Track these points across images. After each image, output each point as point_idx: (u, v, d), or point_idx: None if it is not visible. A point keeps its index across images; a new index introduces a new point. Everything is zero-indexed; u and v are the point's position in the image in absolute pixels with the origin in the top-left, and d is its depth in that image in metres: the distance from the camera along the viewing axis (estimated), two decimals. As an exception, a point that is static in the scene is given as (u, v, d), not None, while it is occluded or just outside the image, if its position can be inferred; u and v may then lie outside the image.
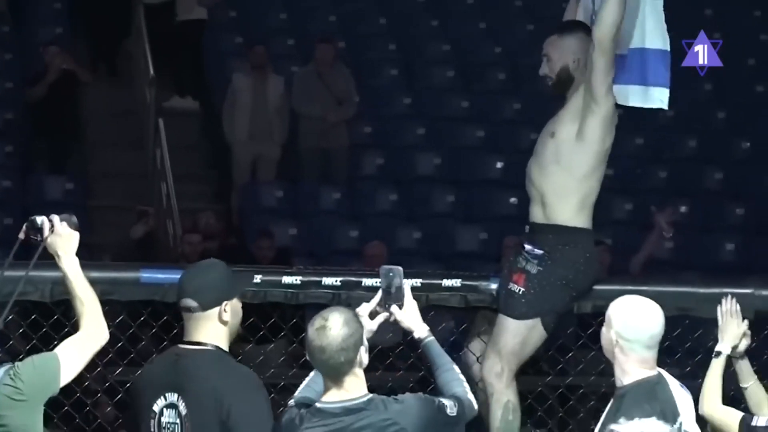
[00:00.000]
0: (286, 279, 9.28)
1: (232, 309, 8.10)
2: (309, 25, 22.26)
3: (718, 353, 8.92)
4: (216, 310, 8.00)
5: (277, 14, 22.67)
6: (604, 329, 8.21)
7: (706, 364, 10.21)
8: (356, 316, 7.99)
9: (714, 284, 10.56)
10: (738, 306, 9.00)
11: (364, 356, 7.75)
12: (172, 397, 8.05)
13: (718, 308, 9.06)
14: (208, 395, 7.81)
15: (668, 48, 9.57)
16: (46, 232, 8.02)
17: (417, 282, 9.79)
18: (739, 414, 8.73)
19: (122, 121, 21.31)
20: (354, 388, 7.77)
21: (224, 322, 8.05)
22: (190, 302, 8.02)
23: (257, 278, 9.30)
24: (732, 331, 8.85)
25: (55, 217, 8.12)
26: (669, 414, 8.05)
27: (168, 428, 8.01)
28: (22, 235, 8.05)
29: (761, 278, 12.57)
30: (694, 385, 11.27)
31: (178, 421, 7.97)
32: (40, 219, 8.11)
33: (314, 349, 7.71)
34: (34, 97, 19.72)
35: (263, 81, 19.83)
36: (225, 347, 8.04)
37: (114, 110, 21.33)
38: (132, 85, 21.82)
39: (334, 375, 7.78)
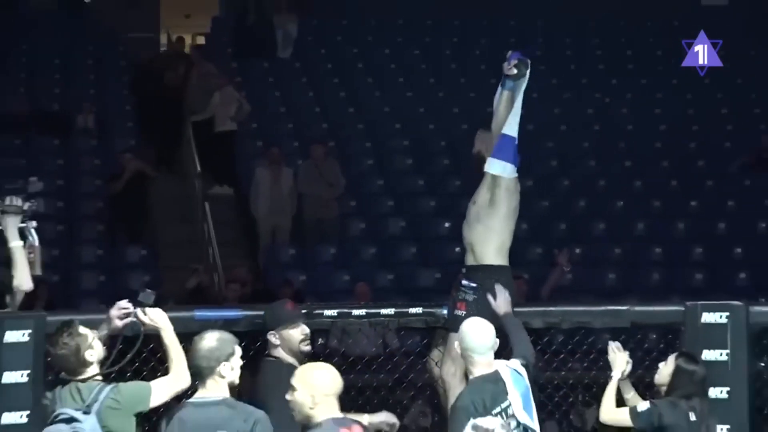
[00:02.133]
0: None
1: (282, 336, 8.41)
2: (308, 131, 22.27)
3: (611, 377, 8.93)
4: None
5: (286, 124, 22.71)
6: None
7: (598, 361, 10.22)
8: (232, 340, 7.83)
9: (602, 304, 10.56)
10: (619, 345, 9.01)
11: (226, 371, 7.61)
12: None
13: (609, 345, 9.02)
14: None
15: (515, 134, 9.31)
16: (147, 321, 7.97)
17: (391, 310, 9.82)
18: (627, 408, 8.79)
19: (179, 205, 21.29)
20: (213, 389, 7.68)
21: (275, 346, 8.49)
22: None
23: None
24: (621, 362, 8.83)
25: (141, 314, 8.01)
26: (492, 401, 8.21)
27: None
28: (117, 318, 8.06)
29: (635, 298, 12.61)
30: (589, 376, 11.28)
31: None
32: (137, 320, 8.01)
33: (189, 352, 7.73)
34: (115, 191, 19.77)
35: (278, 172, 19.84)
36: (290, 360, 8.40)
37: (173, 197, 21.32)
38: (185, 179, 21.83)
39: (199, 376, 7.70)
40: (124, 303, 8.09)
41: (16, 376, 8.13)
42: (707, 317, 8.97)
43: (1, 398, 8.11)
